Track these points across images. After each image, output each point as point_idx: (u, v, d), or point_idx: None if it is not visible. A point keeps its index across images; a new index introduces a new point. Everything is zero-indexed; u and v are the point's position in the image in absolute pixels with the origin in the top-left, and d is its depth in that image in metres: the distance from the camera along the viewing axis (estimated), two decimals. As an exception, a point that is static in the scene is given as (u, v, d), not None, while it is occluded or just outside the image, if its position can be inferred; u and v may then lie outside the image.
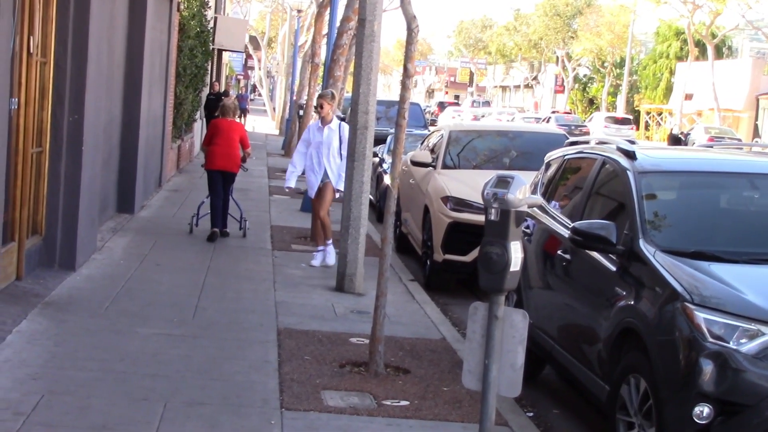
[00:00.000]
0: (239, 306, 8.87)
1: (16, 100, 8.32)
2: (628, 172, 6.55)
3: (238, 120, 13.59)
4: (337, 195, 11.10)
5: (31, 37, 8.53)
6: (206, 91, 26.65)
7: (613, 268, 6.13)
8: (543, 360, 7.43)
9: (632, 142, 7.25)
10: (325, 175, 11.14)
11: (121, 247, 11.28)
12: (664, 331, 5.36)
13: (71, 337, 7.33)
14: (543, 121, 49.33)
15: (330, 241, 11.24)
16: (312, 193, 11.40)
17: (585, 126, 50.84)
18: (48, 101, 9.22)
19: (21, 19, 8.23)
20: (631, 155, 6.73)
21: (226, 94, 32.03)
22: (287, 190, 11.67)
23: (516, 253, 5.08)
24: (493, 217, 5.10)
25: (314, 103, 11.80)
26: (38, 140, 9.08)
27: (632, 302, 5.74)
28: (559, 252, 6.98)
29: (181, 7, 18.66)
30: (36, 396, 5.90)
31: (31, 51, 8.56)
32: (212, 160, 12.59)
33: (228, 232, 12.78)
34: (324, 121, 11.21)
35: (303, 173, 11.53)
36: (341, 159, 10.95)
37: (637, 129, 57.83)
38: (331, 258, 11.20)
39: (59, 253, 9.56)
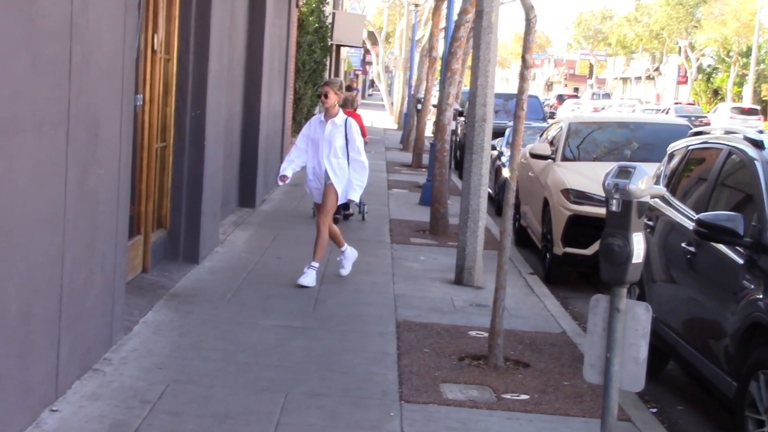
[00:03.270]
0: (358, 298, 8.91)
1: (142, 96, 8.52)
2: (756, 162, 6.36)
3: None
4: (340, 201, 9.49)
5: (155, 35, 8.72)
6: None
7: (740, 261, 5.95)
8: (667, 355, 7.27)
9: (761, 132, 7.03)
10: (327, 177, 9.42)
11: (243, 241, 11.46)
12: (794, 325, 5.18)
13: (195, 328, 7.47)
14: (663, 112, 48.31)
15: (316, 264, 9.35)
16: (318, 198, 9.61)
17: (705, 117, 49.58)
18: (171, 97, 9.42)
19: (145, 17, 8.43)
20: (759, 145, 6.52)
21: (350, 88, 32.54)
22: (280, 183, 9.70)
23: (638, 244, 4.97)
24: (614, 208, 5.00)
25: (318, 91, 10.00)
26: (162, 136, 9.28)
27: (761, 296, 5.56)
28: (683, 244, 6.81)
29: (300, 3, 18.86)
30: (161, 385, 6.03)
31: (155, 48, 8.75)
32: None
33: (351, 213, 13.89)
34: (328, 114, 9.48)
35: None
36: (348, 161, 9.40)
37: (765, 119, 56.16)
38: (309, 279, 9.25)
39: (183, 246, 9.76)
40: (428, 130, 25.70)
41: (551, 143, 12.55)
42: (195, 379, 6.23)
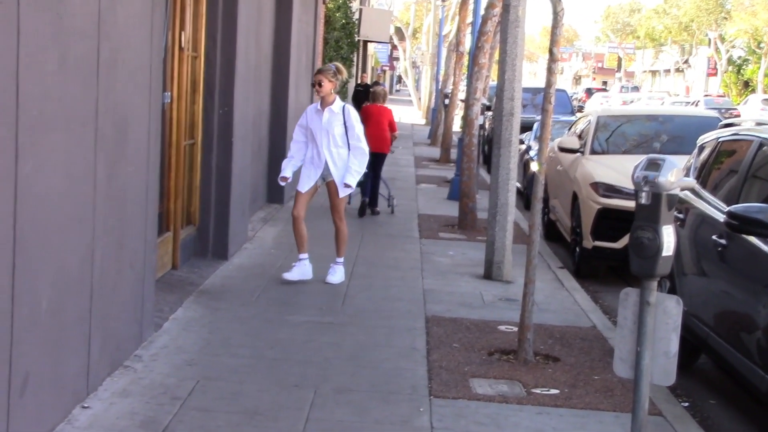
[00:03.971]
0: (387, 294, 8.91)
1: (170, 94, 8.55)
2: (787, 153, 6.29)
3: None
4: (343, 193, 9.12)
5: (183, 32, 8.75)
6: (352, 82, 26.90)
7: (772, 253, 5.89)
8: (698, 348, 7.22)
9: (791, 123, 6.96)
10: (327, 169, 9.04)
11: (272, 237, 11.48)
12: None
13: (224, 324, 7.49)
14: (692, 104, 47.97)
15: (340, 260, 9.28)
16: (302, 187, 9.08)
17: (735, 109, 49.15)
18: (199, 94, 9.45)
19: (172, 15, 8.46)
20: (790, 136, 6.46)
21: (377, 84, 32.64)
22: (282, 183, 9.34)
23: (668, 237, 4.93)
24: (644, 201, 4.96)
25: (312, 79, 9.16)
26: (190, 133, 9.31)
27: (793, 288, 5.50)
28: (714, 237, 6.76)
29: (327, -1, 18.88)
30: (191, 381, 6.06)
31: (183, 46, 8.78)
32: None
33: (378, 210, 13.99)
34: (324, 102, 9.08)
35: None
36: (348, 149, 9.06)
37: (796, 111, 55.60)
38: (338, 276, 9.20)
39: (212, 243, 9.80)
40: (456, 125, 25.66)
41: (580, 137, 12.49)
42: (224, 375, 6.24)
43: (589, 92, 66.97)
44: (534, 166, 14.29)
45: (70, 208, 5.14)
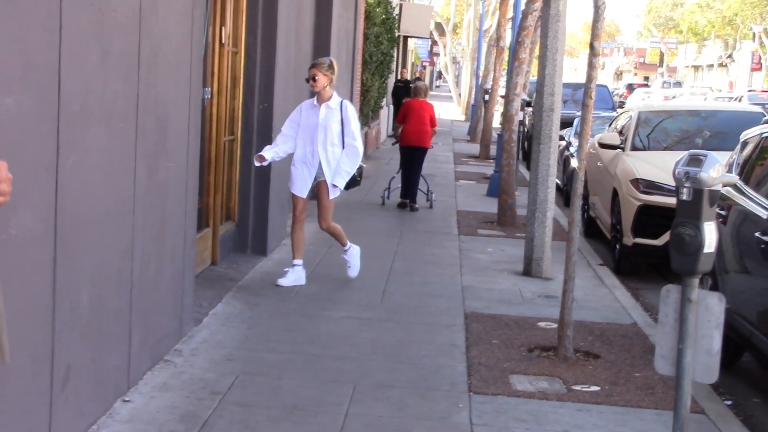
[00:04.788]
0: (426, 290, 8.89)
1: (209, 89, 8.58)
2: (832, 148, 6.20)
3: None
4: (332, 195, 8.69)
5: (223, 28, 8.78)
6: (392, 78, 26.90)
7: (817, 250, 5.81)
8: (741, 346, 7.14)
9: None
10: (319, 168, 8.58)
11: (311, 233, 11.48)
12: None
13: (263, 320, 7.52)
14: (735, 100, 47.46)
15: (346, 247, 8.98)
16: (301, 192, 8.70)
17: (780, 104, 48.57)
18: (239, 90, 9.48)
19: (213, 11, 8.49)
20: (835, 131, 6.36)
21: (418, 80, 32.82)
22: (256, 163, 8.69)
23: (710, 234, 4.88)
24: (685, 197, 4.91)
25: (307, 74, 8.69)
26: (230, 128, 9.35)
27: (838, 286, 5.42)
28: (757, 234, 6.67)
29: (367, -5, 18.87)
30: (231, 377, 6.08)
31: (223, 42, 8.81)
32: (406, 137, 14.16)
33: (417, 207, 14.08)
34: (321, 97, 8.55)
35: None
36: (343, 147, 8.57)
37: (841, 106, 54.87)
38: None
39: (251, 239, 9.83)
40: (496, 121, 25.57)
41: (620, 133, 12.41)
42: (264, 370, 6.26)
43: (631, 88, 66.43)
44: (574, 163, 14.22)
45: (111, 203, 5.17)
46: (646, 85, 72.51)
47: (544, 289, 9.24)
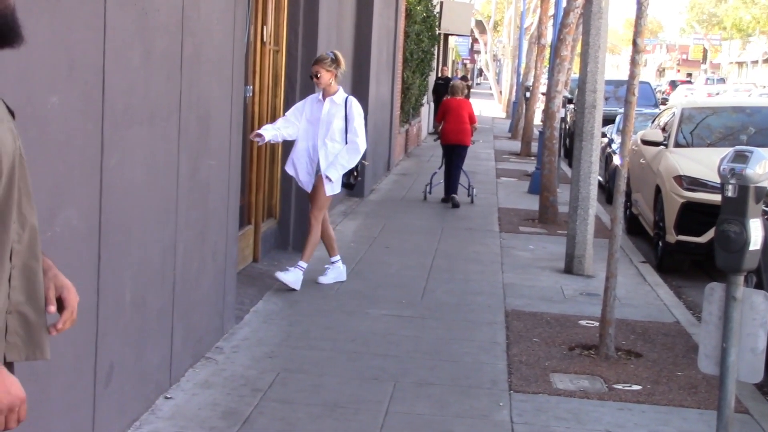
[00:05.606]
0: (467, 288, 8.88)
1: (251, 87, 8.62)
2: None
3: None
4: (329, 191, 8.35)
5: (264, 27, 8.81)
6: (433, 75, 26.86)
7: None
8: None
9: None
10: (320, 164, 8.35)
11: (352, 230, 11.52)
12: None
13: (304, 317, 7.54)
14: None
15: (303, 264, 8.38)
16: (307, 186, 8.48)
17: (825, 100, 47.86)
18: (281, 88, 9.52)
19: (254, 9, 8.53)
20: None
21: (465, 78, 33.08)
22: (254, 138, 8.25)
23: (755, 231, 4.83)
24: (730, 194, 4.86)
25: (311, 72, 8.48)
26: (272, 127, 9.37)
27: None
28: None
29: (408, -8, 18.86)
30: (272, 374, 6.10)
31: (265, 40, 8.85)
32: (446, 135, 14.42)
33: (459, 203, 14.20)
34: (326, 92, 8.34)
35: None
36: (344, 144, 8.35)
37: None
38: (292, 276, 8.31)
39: (293, 236, 9.86)
40: (537, 119, 25.46)
41: (663, 129, 12.30)
42: (305, 368, 6.28)
43: (673, 84, 65.92)
44: (616, 160, 14.12)
45: (154, 201, 5.21)
46: (689, 82, 71.92)
47: (586, 287, 9.19)
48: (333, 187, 8.36)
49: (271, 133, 8.26)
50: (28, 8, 3.51)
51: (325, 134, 8.30)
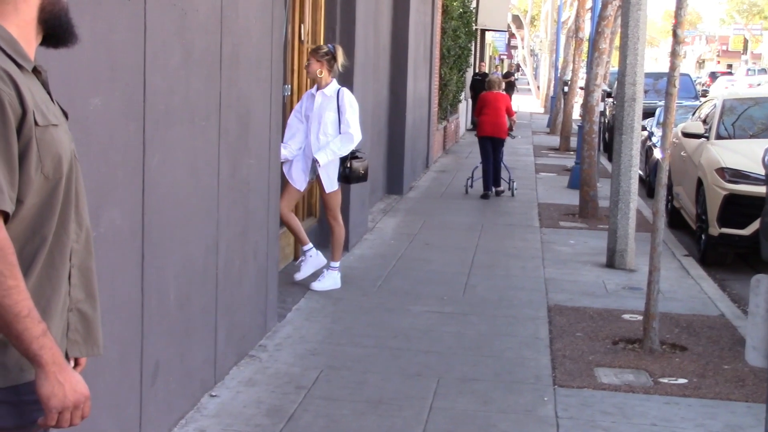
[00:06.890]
0: (508, 283, 8.85)
1: (290, 86, 8.64)
2: None
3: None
4: (327, 187, 8.13)
5: (302, 25, 8.83)
6: (470, 71, 26.80)
7: None
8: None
9: None
10: (314, 161, 8.04)
11: (391, 228, 11.53)
12: None
13: (346, 314, 7.55)
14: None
15: (335, 265, 8.34)
16: (300, 184, 8.12)
17: None
18: (319, 87, 9.51)
19: (292, 8, 8.55)
20: None
21: (509, 75, 33.45)
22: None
23: (801, 222, 4.78)
24: (775, 185, 4.81)
25: (305, 62, 8.34)
26: (311, 125, 9.38)
27: None
28: None
29: (444, -12, 18.83)
30: (315, 371, 6.12)
31: (302, 38, 8.87)
32: (482, 128, 14.65)
33: (502, 190, 14.72)
34: (319, 85, 8.08)
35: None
36: (338, 135, 8.02)
37: None
38: (327, 283, 8.24)
39: (333, 234, 9.87)
40: (575, 113, 25.32)
41: (704, 121, 12.20)
42: (348, 364, 6.29)
43: (713, 76, 65.31)
44: (657, 153, 14.02)
45: (195, 200, 5.24)
46: (730, 73, 71.22)
47: (628, 281, 9.13)
48: (331, 184, 8.13)
49: (288, 153, 8.04)
50: (70, 10, 3.53)
51: (318, 129, 8.01)
